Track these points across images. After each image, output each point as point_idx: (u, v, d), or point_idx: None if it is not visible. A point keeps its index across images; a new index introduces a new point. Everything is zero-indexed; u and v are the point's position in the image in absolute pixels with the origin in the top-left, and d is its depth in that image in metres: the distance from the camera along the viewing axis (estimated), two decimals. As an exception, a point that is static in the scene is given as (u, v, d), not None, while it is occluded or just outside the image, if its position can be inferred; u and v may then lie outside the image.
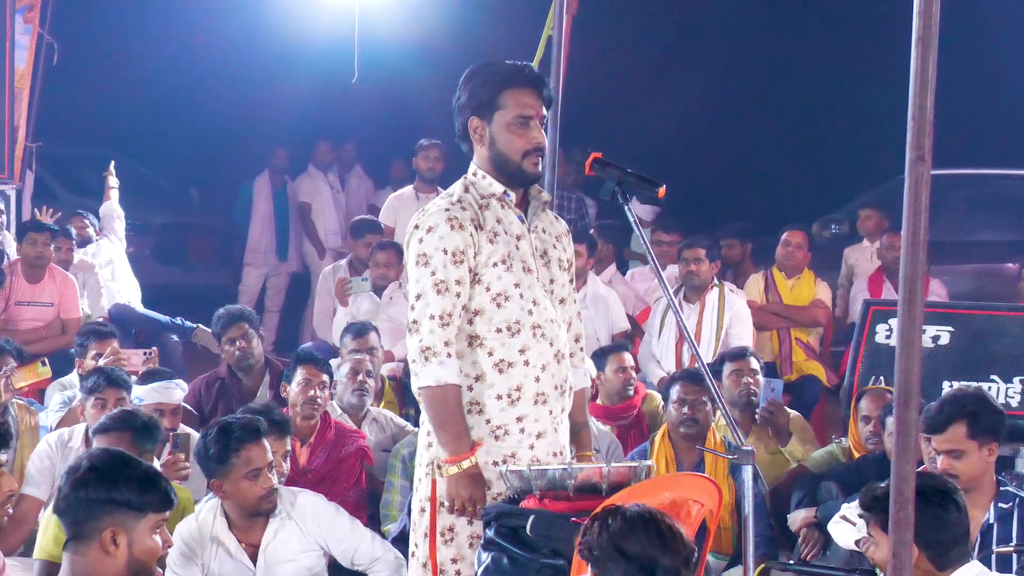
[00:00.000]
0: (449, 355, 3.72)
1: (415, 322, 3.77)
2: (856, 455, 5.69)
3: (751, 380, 6.22)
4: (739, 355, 6.36)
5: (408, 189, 9.56)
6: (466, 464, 3.71)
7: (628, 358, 6.62)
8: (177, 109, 14.12)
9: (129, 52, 13.88)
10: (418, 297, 3.77)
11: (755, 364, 6.31)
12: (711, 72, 14.02)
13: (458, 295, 3.76)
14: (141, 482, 3.06)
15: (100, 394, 5.39)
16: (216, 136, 14.22)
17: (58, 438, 5.43)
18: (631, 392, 6.57)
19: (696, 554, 3.07)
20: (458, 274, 3.76)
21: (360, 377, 6.15)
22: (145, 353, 6.39)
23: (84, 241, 9.17)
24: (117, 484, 3.02)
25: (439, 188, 9.30)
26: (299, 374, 5.74)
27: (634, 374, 6.65)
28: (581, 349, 4.13)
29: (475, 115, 3.84)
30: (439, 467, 3.79)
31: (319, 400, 5.69)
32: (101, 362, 6.03)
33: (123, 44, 13.88)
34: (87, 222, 9.30)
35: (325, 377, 5.77)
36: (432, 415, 3.78)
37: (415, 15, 10.37)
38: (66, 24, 9.71)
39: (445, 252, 3.75)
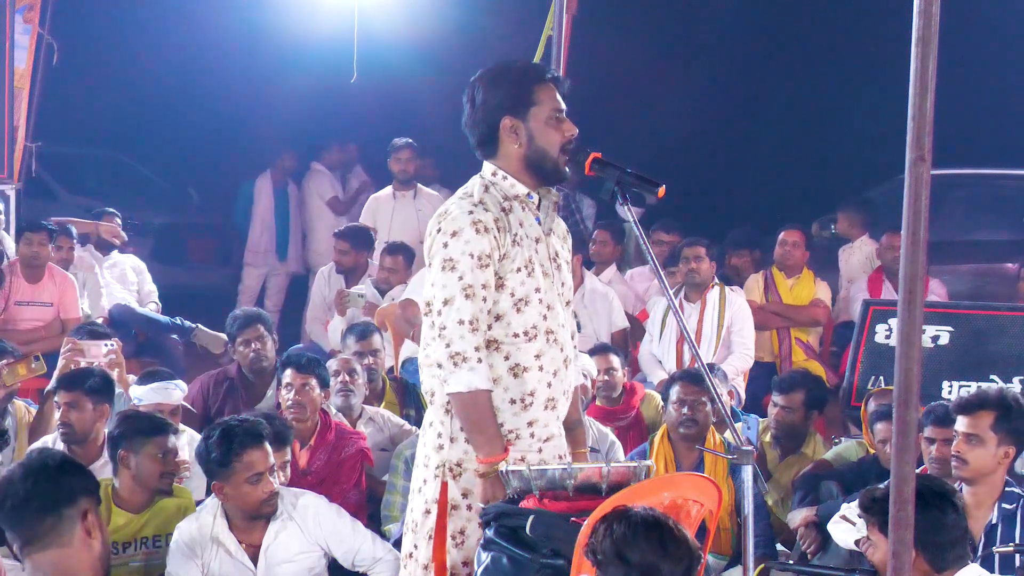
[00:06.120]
0: (480, 360, 3.68)
1: (443, 327, 3.70)
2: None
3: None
4: (788, 388, 6.20)
5: (387, 190, 9.67)
6: (502, 466, 3.65)
7: (613, 359, 6.59)
8: (177, 109, 14.11)
9: (129, 52, 13.88)
10: (445, 302, 3.71)
11: (797, 400, 6.17)
12: (710, 72, 14.03)
13: (484, 299, 3.72)
14: (87, 469, 3.13)
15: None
16: (215, 136, 14.22)
17: (55, 440, 5.42)
18: (615, 394, 6.55)
19: (701, 559, 3.07)
20: (484, 278, 3.71)
21: (343, 377, 6.11)
22: (106, 344, 6.12)
23: (111, 245, 9.15)
24: (84, 470, 3.08)
25: (417, 184, 9.57)
26: (285, 377, 5.73)
27: (619, 375, 6.62)
28: (575, 347, 4.13)
29: (509, 114, 3.80)
30: (451, 469, 3.78)
31: (304, 403, 5.64)
32: (61, 355, 5.94)
33: (123, 44, 13.88)
34: (118, 223, 9.28)
35: (313, 380, 5.70)
36: (464, 420, 3.74)
37: (415, 15, 10.36)
38: (66, 24, 9.70)
39: (472, 256, 3.70)
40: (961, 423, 4.42)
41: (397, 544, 4.73)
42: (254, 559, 4.51)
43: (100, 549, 3.02)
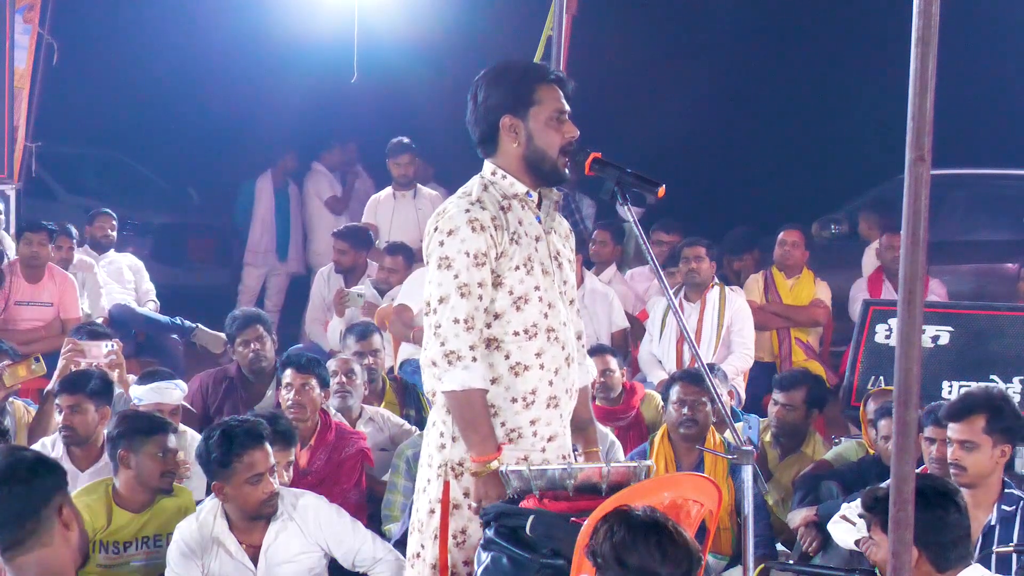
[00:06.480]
0: (474, 359, 3.68)
1: (438, 326, 3.71)
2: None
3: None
4: (788, 386, 6.21)
5: (387, 190, 9.69)
6: (494, 465, 3.67)
7: (610, 360, 6.58)
8: (177, 109, 14.12)
9: (129, 52, 13.87)
10: (441, 301, 3.71)
11: (798, 398, 6.18)
12: (711, 72, 14.03)
13: (480, 298, 3.72)
14: (54, 462, 3.11)
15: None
16: (216, 136, 14.22)
17: (54, 441, 5.41)
18: (612, 395, 6.55)
19: (701, 562, 3.07)
20: (480, 276, 3.71)
21: (340, 378, 6.10)
22: (106, 344, 6.10)
23: (107, 244, 9.15)
24: (53, 464, 3.05)
25: (417, 184, 9.62)
26: (285, 377, 5.73)
27: (617, 376, 6.61)
28: (583, 346, 4.13)
29: (509, 113, 3.79)
30: (453, 468, 3.77)
31: (304, 403, 5.65)
32: (61, 356, 5.94)
33: (123, 44, 13.88)
34: (113, 223, 9.28)
35: (313, 380, 5.70)
36: (458, 418, 3.74)
37: (415, 15, 10.37)
38: (66, 24, 9.71)
39: (467, 255, 3.70)
40: (953, 430, 4.35)
41: (398, 544, 4.74)
42: (254, 559, 4.51)
43: (77, 539, 3.01)
